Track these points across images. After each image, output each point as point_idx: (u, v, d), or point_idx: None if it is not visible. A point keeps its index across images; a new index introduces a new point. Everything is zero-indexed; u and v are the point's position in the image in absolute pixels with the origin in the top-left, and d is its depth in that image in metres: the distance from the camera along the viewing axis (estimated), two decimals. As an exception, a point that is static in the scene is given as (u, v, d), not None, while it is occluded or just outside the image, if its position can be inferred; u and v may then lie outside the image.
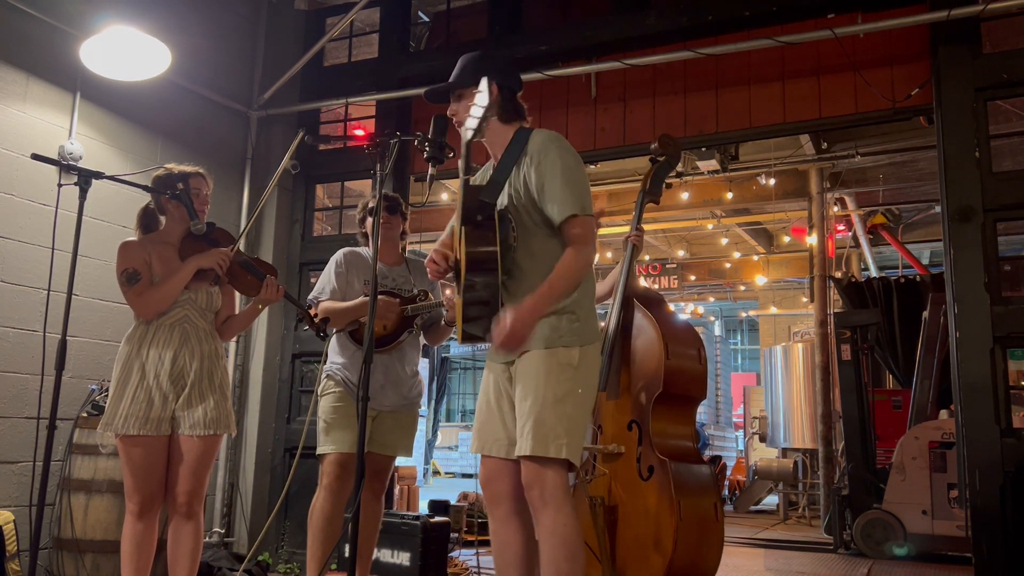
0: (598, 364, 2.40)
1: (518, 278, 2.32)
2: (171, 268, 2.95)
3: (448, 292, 3.31)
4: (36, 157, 2.82)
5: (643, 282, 10.28)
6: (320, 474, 3.23)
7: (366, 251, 3.43)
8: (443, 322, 3.38)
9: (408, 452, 3.40)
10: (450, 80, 2.44)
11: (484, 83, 2.17)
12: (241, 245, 4.71)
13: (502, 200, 2.35)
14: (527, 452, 2.22)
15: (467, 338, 2.40)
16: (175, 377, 2.90)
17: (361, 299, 3.23)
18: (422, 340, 3.50)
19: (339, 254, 3.40)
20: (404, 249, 3.55)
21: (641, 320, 3.17)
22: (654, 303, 3.29)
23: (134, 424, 2.83)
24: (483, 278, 2.27)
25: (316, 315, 3.16)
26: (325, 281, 3.35)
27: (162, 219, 3.10)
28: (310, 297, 3.36)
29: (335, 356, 3.33)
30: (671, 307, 3.23)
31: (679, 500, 2.85)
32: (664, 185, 3.52)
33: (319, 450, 3.24)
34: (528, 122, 2.47)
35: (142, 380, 2.87)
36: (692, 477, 3.02)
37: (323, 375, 3.35)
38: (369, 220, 3.38)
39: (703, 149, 6.81)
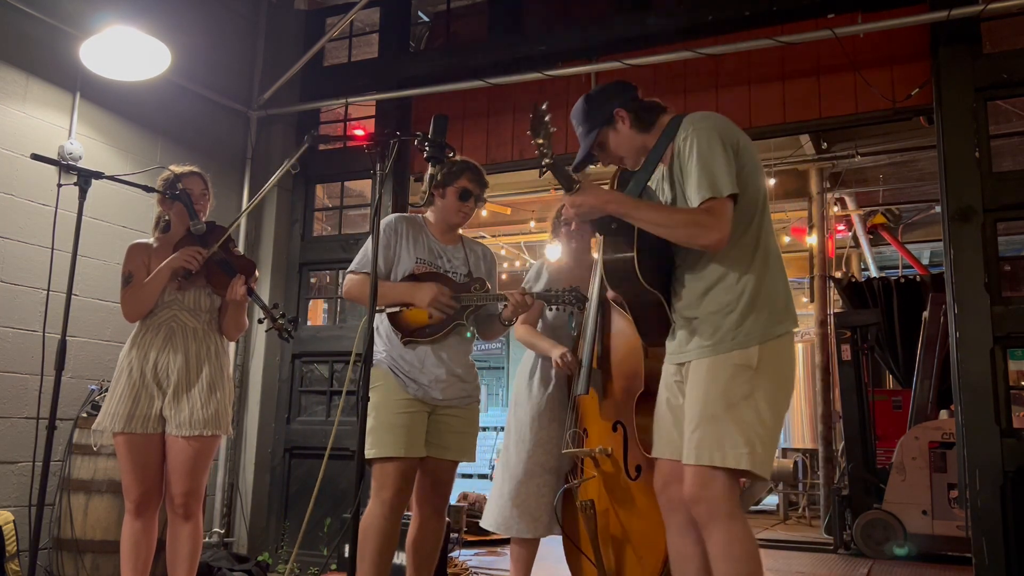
0: (791, 359, 2.23)
1: (688, 282, 2.21)
2: None
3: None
4: (36, 157, 2.83)
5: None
6: (374, 483, 2.75)
7: (421, 219, 3.02)
8: (501, 321, 2.96)
9: (472, 456, 2.91)
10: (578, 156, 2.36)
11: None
12: (241, 246, 4.67)
13: (667, 199, 2.26)
14: (692, 461, 2.07)
15: (651, 344, 2.47)
16: (159, 376, 2.92)
17: (409, 284, 2.83)
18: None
19: (389, 219, 2.94)
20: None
21: (619, 320, 3.10)
22: None
23: (119, 422, 2.87)
24: (626, 287, 2.21)
25: (283, 315, 3.02)
26: (366, 253, 2.89)
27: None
28: (349, 269, 2.94)
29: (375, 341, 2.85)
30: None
31: None
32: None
33: (373, 453, 2.71)
34: (669, 109, 2.36)
35: (129, 379, 2.91)
36: None
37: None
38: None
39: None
